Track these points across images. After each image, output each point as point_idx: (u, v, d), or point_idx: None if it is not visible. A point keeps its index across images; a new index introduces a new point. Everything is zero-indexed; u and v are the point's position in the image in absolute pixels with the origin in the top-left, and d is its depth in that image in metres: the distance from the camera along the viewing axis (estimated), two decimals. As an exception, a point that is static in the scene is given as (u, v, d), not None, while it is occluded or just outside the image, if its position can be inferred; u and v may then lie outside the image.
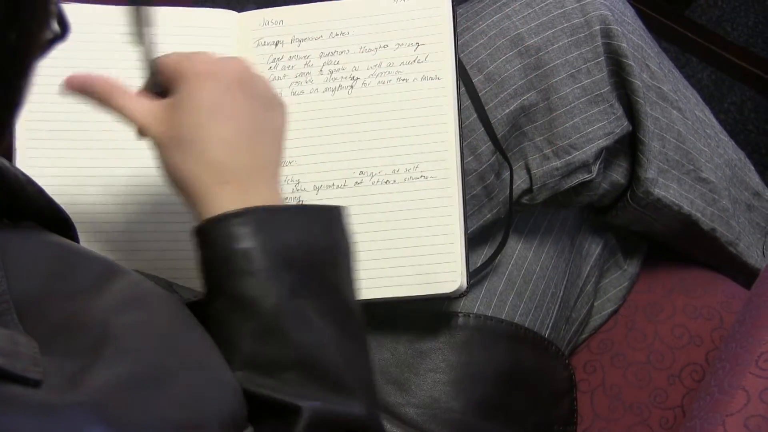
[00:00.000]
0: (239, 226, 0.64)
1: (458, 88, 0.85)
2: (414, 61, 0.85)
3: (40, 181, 0.66)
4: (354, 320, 0.67)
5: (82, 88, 0.72)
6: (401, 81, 0.85)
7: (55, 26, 0.56)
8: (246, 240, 0.64)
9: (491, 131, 0.87)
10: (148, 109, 0.69)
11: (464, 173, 0.84)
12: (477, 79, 0.88)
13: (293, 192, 0.84)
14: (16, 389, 0.48)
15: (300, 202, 0.84)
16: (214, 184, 0.66)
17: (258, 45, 0.86)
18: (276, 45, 0.87)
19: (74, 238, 0.69)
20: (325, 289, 0.66)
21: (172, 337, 0.59)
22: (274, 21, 0.87)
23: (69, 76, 0.72)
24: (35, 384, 0.49)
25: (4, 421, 0.47)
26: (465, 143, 0.86)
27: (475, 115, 0.87)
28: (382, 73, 0.85)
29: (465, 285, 0.82)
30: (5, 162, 0.63)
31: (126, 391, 0.52)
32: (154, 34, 0.69)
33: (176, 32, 0.86)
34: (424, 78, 0.85)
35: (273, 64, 0.86)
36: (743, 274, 1.06)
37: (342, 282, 0.68)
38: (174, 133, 0.68)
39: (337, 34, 0.87)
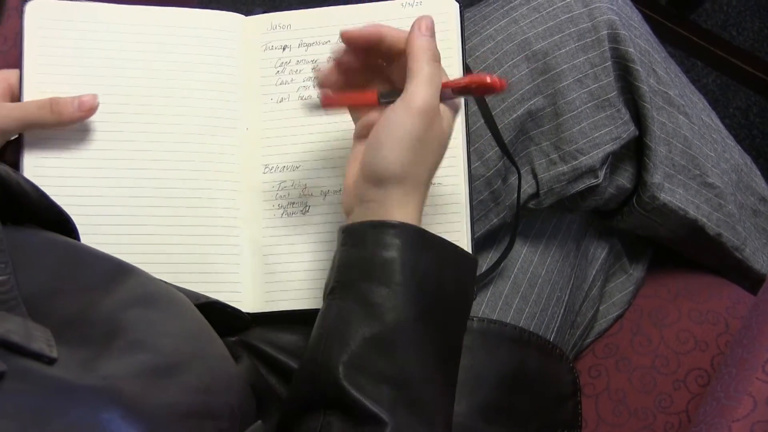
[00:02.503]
0: (392, 237, 0.67)
1: (465, 92, 0.85)
2: None
3: (45, 183, 0.66)
4: (455, 364, 0.70)
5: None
6: None
7: None
8: (392, 251, 0.66)
9: (498, 136, 0.87)
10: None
11: (471, 178, 0.84)
12: (484, 84, 0.88)
13: (300, 197, 0.84)
14: (32, 364, 0.49)
15: (307, 208, 0.84)
16: (390, 192, 0.69)
17: (266, 49, 0.86)
18: (284, 49, 0.86)
19: (77, 240, 0.69)
20: (442, 326, 0.68)
21: (182, 331, 0.60)
22: (281, 25, 0.87)
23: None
24: (50, 362, 0.50)
25: (22, 391, 0.47)
26: (472, 148, 0.86)
27: (482, 120, 0.87)
28: None
29: (471, 289, 0.83)
30: (7, 168, 0.64)
31: (139, 379, 0.53)
32: None
33: (181, 33, 0.86)
34: None
35: (281, 68, 0.86)
36: (749, 279, 1.06)
37: (457, 326, 0.70)
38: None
39: None
